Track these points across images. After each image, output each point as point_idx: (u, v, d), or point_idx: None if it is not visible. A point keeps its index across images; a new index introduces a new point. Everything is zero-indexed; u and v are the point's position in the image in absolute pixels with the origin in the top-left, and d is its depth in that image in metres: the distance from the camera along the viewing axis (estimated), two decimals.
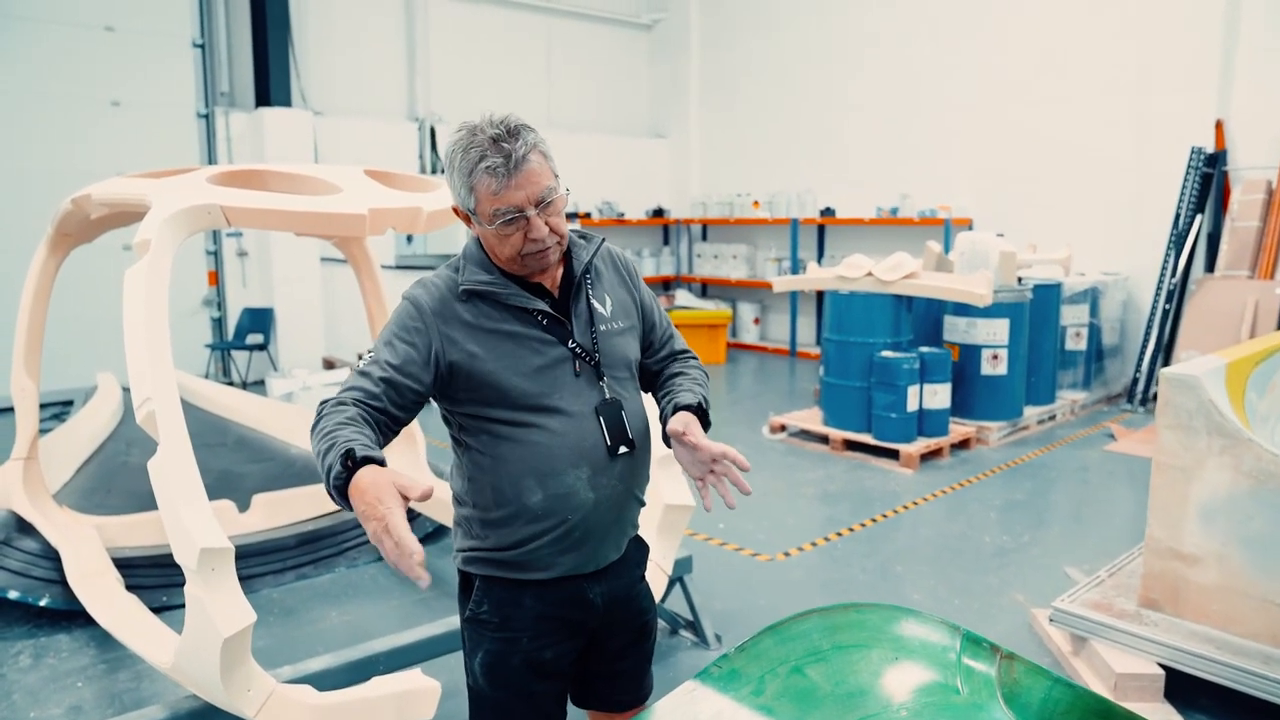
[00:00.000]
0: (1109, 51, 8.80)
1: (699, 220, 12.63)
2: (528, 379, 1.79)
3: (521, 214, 1.71)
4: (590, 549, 1.88)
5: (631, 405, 1.91)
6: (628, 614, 2.02)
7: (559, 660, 1.93)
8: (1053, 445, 7.02)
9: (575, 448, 1.81)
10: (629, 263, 2.06)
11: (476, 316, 1.79)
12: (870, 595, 4.33)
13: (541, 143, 1.75)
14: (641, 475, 1.97)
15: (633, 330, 1.98)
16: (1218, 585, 3.31)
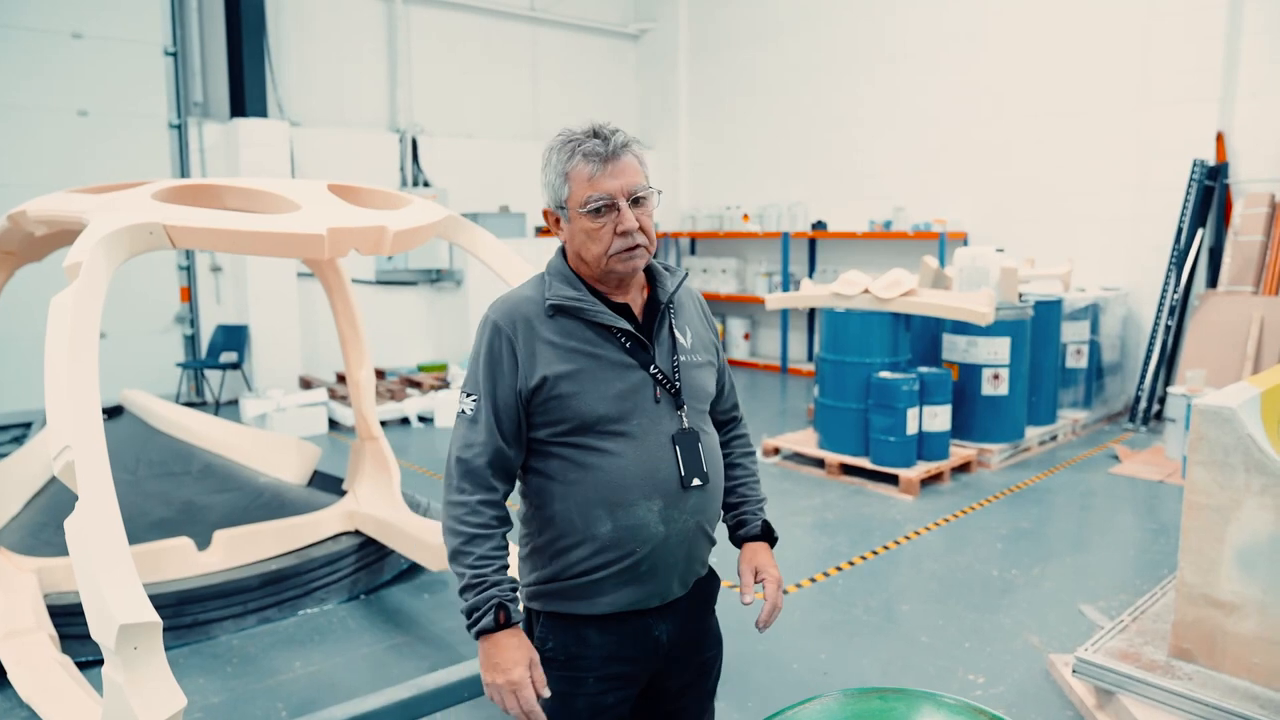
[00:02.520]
0: (1108, 63, 8.59)
1: (688, 233, 12.37)
2: (608, 403, 1.77)
3: (614, 202, 1.73)
4: (657, 584, 1.84)
5: (708, 439, 1.89)
6: (693, 653, 1.99)
7: (620, 706, 1.89)
8: (1056, 468, 6.76)
9: (649, 478, 1.78)
10: (704, 303, 2.07)
11: (561, 335, 1.78)
12: (875, 637, 4.05)
13: (637, 146, 1.80)
14: (712, 511, 1.93)
15: (710, 366, 1.96)
16: (1259, 636, 3.04)
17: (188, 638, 4.03)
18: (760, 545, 2.09)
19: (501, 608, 1.72)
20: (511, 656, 1.71)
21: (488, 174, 11.23)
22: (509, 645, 1.72)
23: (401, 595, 4.64)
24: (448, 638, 4.14)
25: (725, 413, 2.12)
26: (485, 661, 1.73)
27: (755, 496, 2.14)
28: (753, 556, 2.06)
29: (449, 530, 1.78)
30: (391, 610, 4.46)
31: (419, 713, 2.94)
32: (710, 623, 2.07)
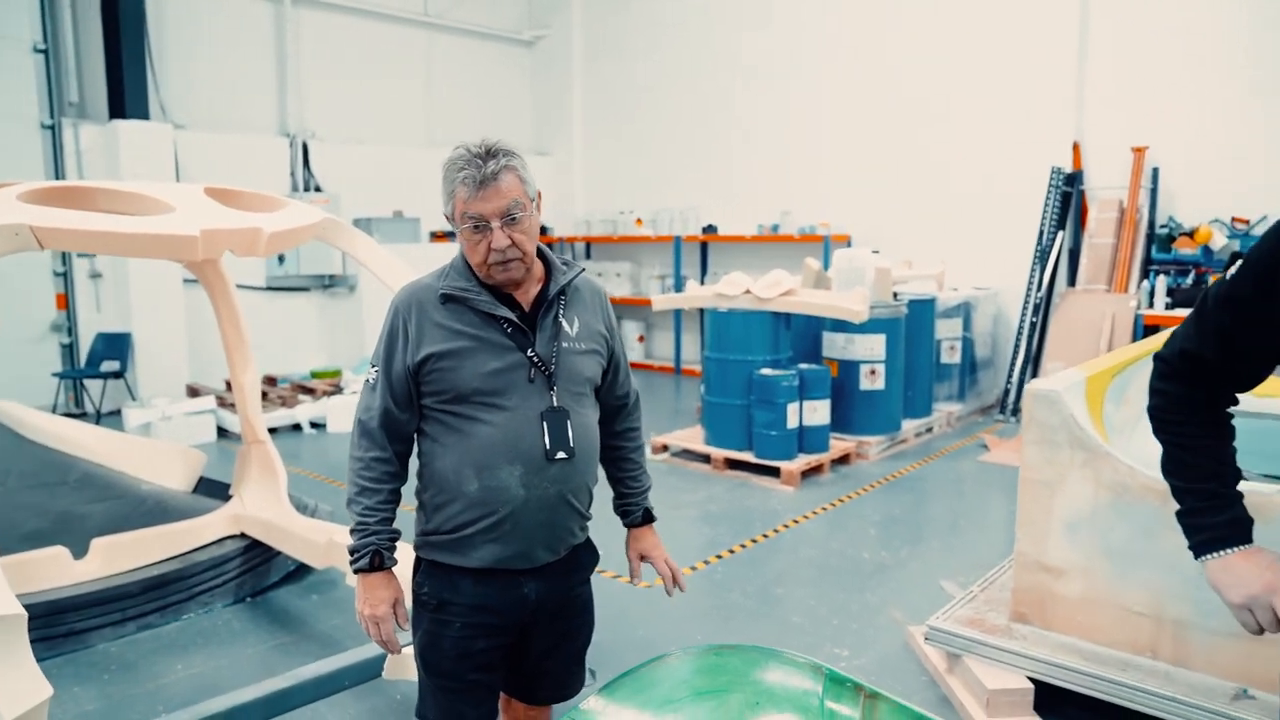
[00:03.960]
0: (978, 75, 9.10)
1: (583, 238, 12.53)
2: (482, 378, 1.99)
3: (486, 224, 1.93)
4: (520, 544, 2.04)
5: (579, 418, 2.09)
6: (558, 617, 2.19)
7: (490, 653, 2.10)
8: (930, 457, 7.13)
9: (514, 446, 1.99)
10: (605, 297, 2.27)
11: (449, 319, 2.01)
12: (750, 620, 4.26)
13: (521, 167, 1.97)
14: (578, 483, 2.11)
15: (595, 355, 2.15)
16: (1082, 597, 3.34)
17: (62, 647, 3.96)
18: (644, 530, 2.41)
19: (377, 553, 2.04)
20: (380, 595, 2.05)
21: (381, 179, 11.16)
22: (380, 585, 2.06)
23: (289, 596, 4.65)
24: (335, 634, 4.18)
25: (618, 399, 2.31)
26: (359, 596, 2.07)
27: (641, 487, 2.40)
28: (638, 542, 2.40)
29: (348, 481, 2.09)
30: (278, 611, 4.47)
31: (298, 702, 3.00)
32: (580, 592, 2.26)
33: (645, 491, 2.40)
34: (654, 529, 2.42)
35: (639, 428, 2.41)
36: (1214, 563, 1.52)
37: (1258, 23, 7.54)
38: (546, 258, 2.14)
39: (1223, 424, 1.59)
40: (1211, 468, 1.56)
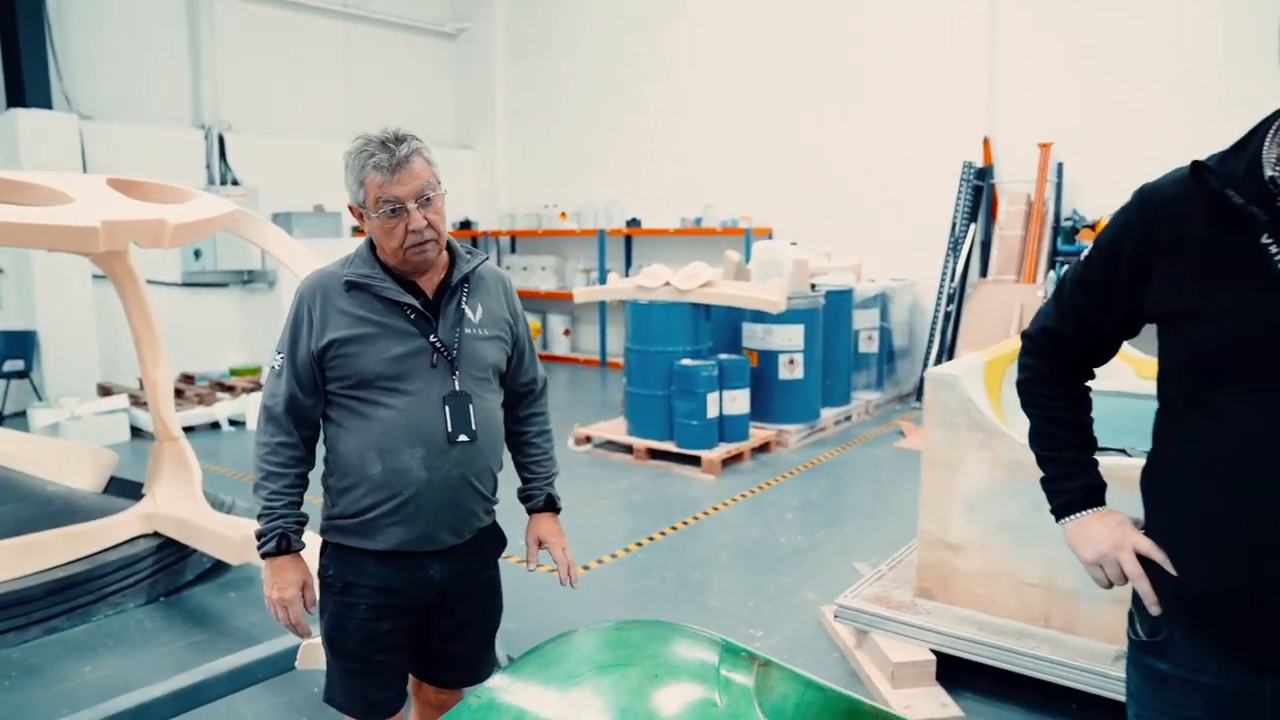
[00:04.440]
0: (893, 73, 9.32)
1: (507, 232, 12.49)
2: (385, 364, 2.03)
3: (403, 206, 1.96)
4: (424, 526, 2.08)
5: (482, 403, 2.13)
6: (464, 600, 2.22)
7: (396, 634, 2.14)
8: (849, 445, 7.31)
9: (415, 429, 2.03)
10: (510, 285, 2.33)
11: (353, 306, 2.05)
12: (669, 605, 4.34)
13: (426, 150, 2.04)
14: (480, 466, 2.15)
15: (499, 341, 2.20)
16: (980, 571, 3.49)
17: None
18: (544, 516, 2.44)
19: (284, 536, 2.08)
20: (287, 578, 2.09)
21: (301, 173, 10.95)
22: (286, 568, 2.09)
23: (205, 594, 4.58)
24: (253, 631, 4.14)
25: (523, 385, 2.37)
26: (267, 581, 2.10)
27: (545, 473, 2.44)
28: (538, 527, 2.43)
29: (254, 468, 2.12)
30: (194, 609, 4.41)
31: (210, 697, 2.98)
32: (487, 576, 2.31)
33: (550, 478, 2.44)
34: (556, 518, 2.45)
35: (545, 414, 2.45)
36: (1071, 525, 1.62)
37: (1153, 22, 7.88)
38: (450, 246, 2.18)
39: (1081, 397, 1.69)
40: (1070, 438, 1.67)
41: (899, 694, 3.37)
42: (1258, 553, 1.33)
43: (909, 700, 3.33)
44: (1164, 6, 7.82)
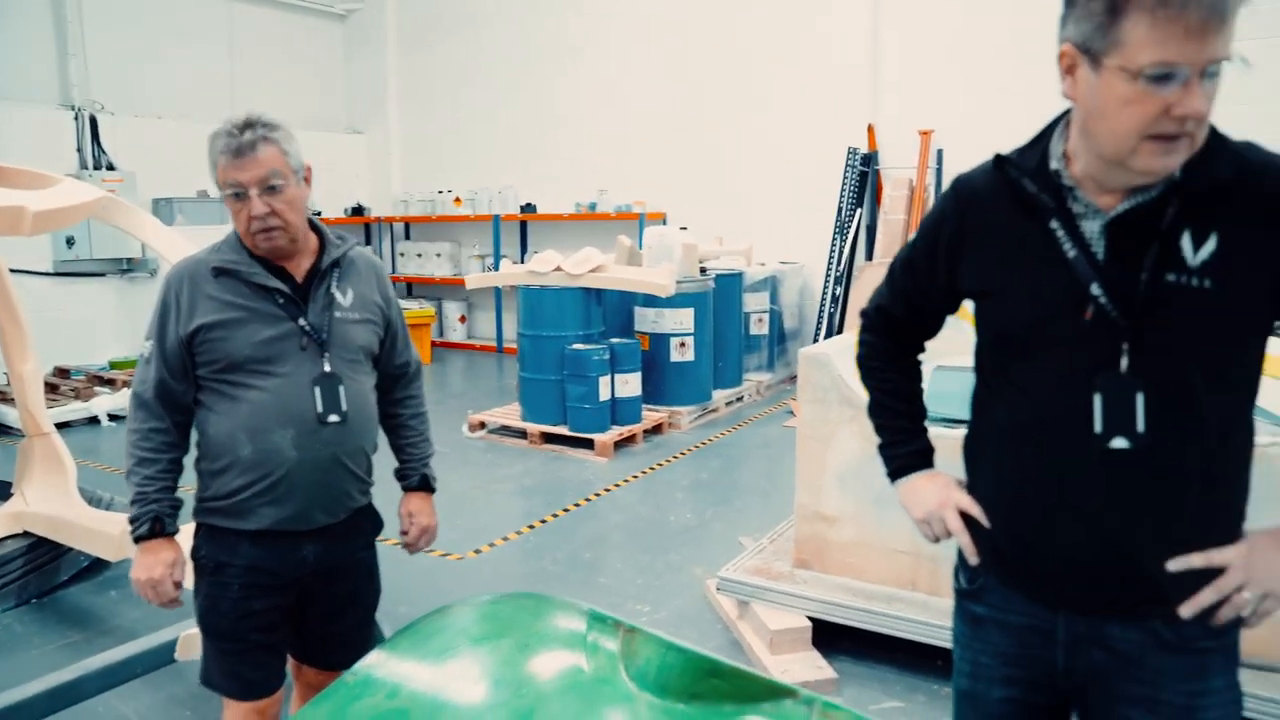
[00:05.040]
0: (781, 60, 9.52)
1: (401, 218, 12.33)
2: (254, 347, 2.06)
3: (245, 191, 1.99)
4: (296, 505, 2.11)
5: (353, 384, 2.17)
6: (339, 580, 2.25)
7: (270, 613, 2.16)
8: (740, 425, 7.50)
9: (285, 410, 2.07)
10: (382, 270, 2.37)
11: (221, 291, 2.08)
12: (559, 584, 4.41)
13: (283, 140, 2.04)
14: (352, 446, 2.19)
15: (370, 324, 2.24)
16: (853, 541, 3.66)
17: None
18: (416, 494, 2.49)
19: (158, 519, 2.10)
20: (158, 558, 2.11)
21: (183, 157, 10.48)
22: (159, 549, 2.11)
23: (82, 594, 4.45)
24: (135, 628, 4.03)
25: (397, 368, 2.41)
26: (136, 564, 2.12)
27: (421, 454, 2.49)
28: (408, 503, 2.49)
29: (126, 454, 2.13)
30: (70, 610, 4.28)
31: (87, 694, 2.92)
32: (363, 557, 2.35)
33: (426, 459, 2.50)
34: (430, 497, 2.50)
35: (419, 396, 2.50)
36: (904, 486, 1.76)
37: (1030, 12, 8.23)
38: (321, 232, 2.22)
39: (912, 370, 1.83)
40: (902, 408, 1.80)
41: (777, 659, 3.52)
42: (1048, 507, 1.48)
43: (786, 665, 3.48)
44: None
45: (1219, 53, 1.20)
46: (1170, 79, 1.21)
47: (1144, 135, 1.25)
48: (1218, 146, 1.33)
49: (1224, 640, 1.45)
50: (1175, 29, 1.18)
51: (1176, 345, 1.35)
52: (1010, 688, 1.59)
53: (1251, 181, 1.32)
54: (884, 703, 3.34)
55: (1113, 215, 1.37)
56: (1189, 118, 1.22)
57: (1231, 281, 1.32)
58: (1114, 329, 1.37)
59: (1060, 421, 1.43)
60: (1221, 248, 1.32)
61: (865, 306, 1.87)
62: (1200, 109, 1.22)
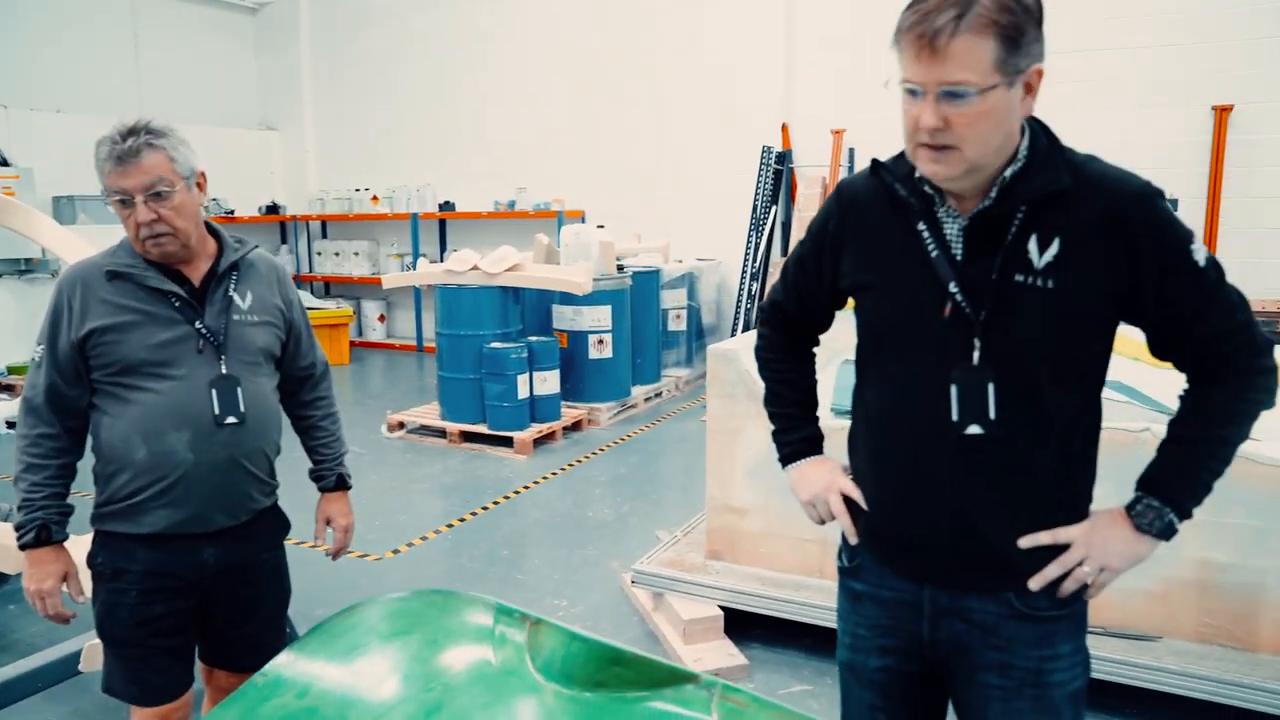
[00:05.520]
0: (699, 60, 9.64)
1: (317, 216, 12.13)
2: (149, 350, 2.05)
3: (130, 198, 1.98)
4: (194, 508, 2.10)
5: (252, 386, 2.17)
6: (243, 581, 2.24)
7: (169, 617, 2.14)
8: (659, 420, 7.60)
9: (179, 413, 2.06)
10: (283, 272, 2.36)
11: (115, 295, 2.06)
12: (477, 581, 4.44)
13: (171, 146, 2.03)
14: (252, 448, 2.19)
15: (270, 327, 2.24)
16: (763, 531, 3.77)
17: None
18: (334, 495, 2.52)
19: (44, 527, 2.09)
20: (47, 569, 2.11)
21: (85, 153, 10.07)
22: (48, 559, 2.11)
23: None
24: (36, 642, 3.92)
25: (302, 370, 2.41)
26: (26, 574, 2.11)
27: (334, 454, 2.51)
28: (326, 506, 2.52)
29: (14, 460, 2.10)
30: None
31: None
32: (268, 558, 2.34)
33: (339, 458, 2.51)
34: (346, 496, 2.53)
35: (329, 397, 2.51)
36: (793, 471, 1.87)
37: None
38: (219, 235, 2.22)
39: (804, 362, 1.93)
40: (794, 396, 1.91)
41: (691, 649, 3.61)
42: (912, 489, 1.60)
43: (700, 654, 3.57)
44: None
45: (947, 77, 1.34)
46: (915, 94, 1.39)
47: (916, 143, 1.42)
48: (1057, 158, 1.46)
49: (1071, 609, 1.59)
50: (910, 54, 1.37)
51: (1023, 340, 1.47)
52: (885, 657, 1.70)
53: (1089, 192, 1.44)
54: (793, 686, 3.45)
55: (967, 219, 1.49)
56: (923, 129, 1.38)
57: (1072, 283, 1.44)
58: (969, 325, 1.49)
59: (922, 409, 1.55)
60: (1063, 251, 1.44)
61: (763, 301, 1.97)
62: (929, 122, 1.37)
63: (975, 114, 1.36)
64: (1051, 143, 1.48)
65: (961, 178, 1.44)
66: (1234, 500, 3.01)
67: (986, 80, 1.34)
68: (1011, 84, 1.36)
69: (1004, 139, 1.41)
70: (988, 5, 1.31)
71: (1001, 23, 1.32)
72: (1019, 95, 1.39)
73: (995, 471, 1.52)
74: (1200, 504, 1.55)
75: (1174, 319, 1.48)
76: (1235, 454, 1.55)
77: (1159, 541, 1.56)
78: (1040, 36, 1.37)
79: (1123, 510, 1.57)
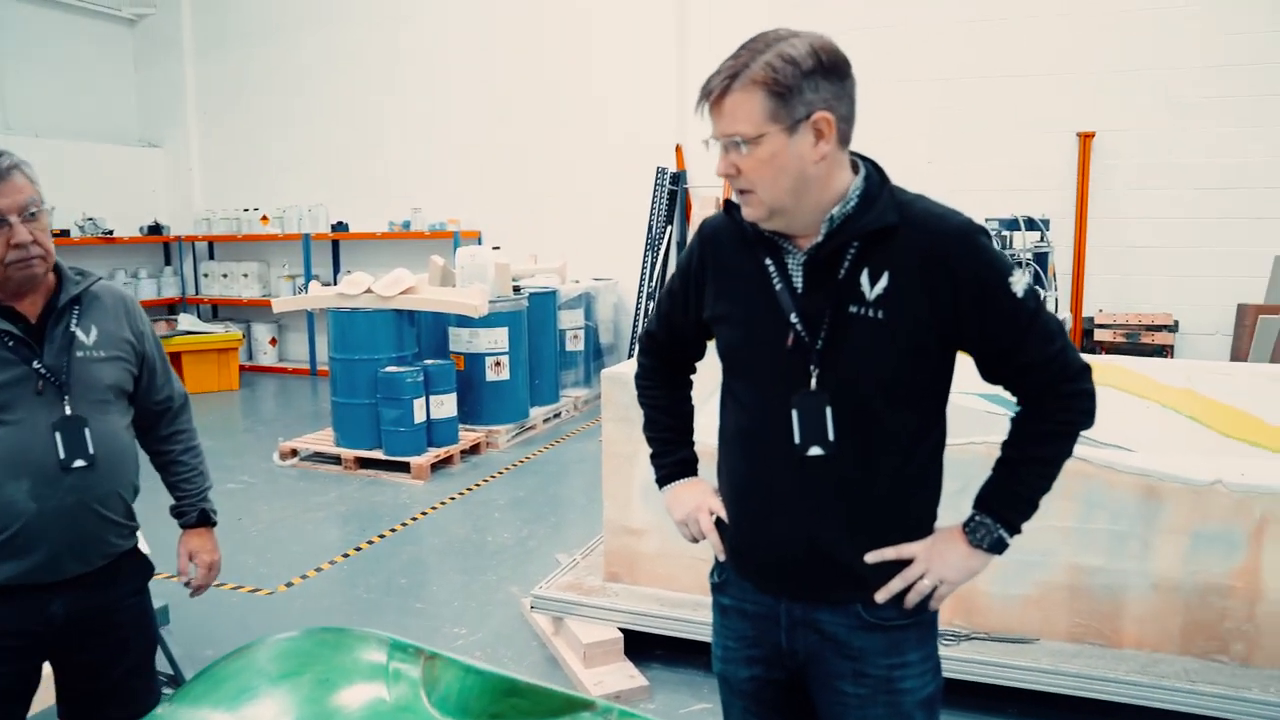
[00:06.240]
0: (594, 82, 9.72)
1: (204, 237, 11.74)
2: None
3: (5, 220, 1.91)
4: (40, 557, 1.99)
5: (102, 425, 2.07)
6: (101, 630, 2.13)
7: (12, 677, 2.04)
8: (558, 441, 7.61)
9: (17, 460, 1.95)
10: (132, 304, 2.27)
11: None
12: (374, 612, 4.37)
13: (27, 168, 1.98)
14: (105, 491, 2.09)
15: (119, 361, 2.14)
16: (660, 552, 3.83)
17: None
18: (196, 531, 2.43)
19: None
20: None
21: None
22: None
23: None
24: None
25: (158, 404, 2.33)
26: None
27: (196, 489, 2.42)
28: (188, 541, 2.42)
29: None
30: None
31: None
32: (129, 604, 2.24)
33: (203, 493, 2.43)
34: (210, 532, 2.45)
35: (189, 430, 2.43)
36: (668, 492, 1.96)
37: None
38: (58, 268, 2.12)
39: (678, 389, 2.02)
40: (669, 422, 2.00)
41: (591, 672, 3.63)
42: (763, 508, 1.70)
43: (600, 677, 3.60)
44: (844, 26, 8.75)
45: (725, 130, 1.52)
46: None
47: None
48: (886, 197, 1.58)
49: (917, 619, 1.70)
50: (705, 113, 1.58)
51: (857, 367, 1.58)
52: (753, 667, 1.80)
53: (914, 229, 1.56)
54: (693, 705, 3.51)
55: (804, 255, 1.60)
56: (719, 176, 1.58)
57: (900, 314, 1.55)
58: (808, 352, 1.59)
59: (769, 432, 1.65)
60: (892, 284, 1.56)
61: (641, 330, 2.05)
62: (719, 170, 1.57)
63: (756, 161, 1.50)
64: (883, 182, 1.61)
65: (771, 219, 1.57)
66: (1099, 507, 3.22)
67: (758, 130, 1.48)
68: (791, 131, 1.48)
69: (795, 182, 1.52)
70: (756, 67, 1.47)
71: (768, 81, 1.46)
72: (807, 141, 1.50)
73: (837, 490, 1.63)
74: (1028, 519, 1.67)
75: (996, 348, 1.61)
76: (1059, 472, 1.68)
77: (991, 556, 1.67)
78: (819, 87, 1.49)
79: (960, 527, 1.69)
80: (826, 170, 1.55)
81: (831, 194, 1.57)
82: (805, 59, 1.47)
